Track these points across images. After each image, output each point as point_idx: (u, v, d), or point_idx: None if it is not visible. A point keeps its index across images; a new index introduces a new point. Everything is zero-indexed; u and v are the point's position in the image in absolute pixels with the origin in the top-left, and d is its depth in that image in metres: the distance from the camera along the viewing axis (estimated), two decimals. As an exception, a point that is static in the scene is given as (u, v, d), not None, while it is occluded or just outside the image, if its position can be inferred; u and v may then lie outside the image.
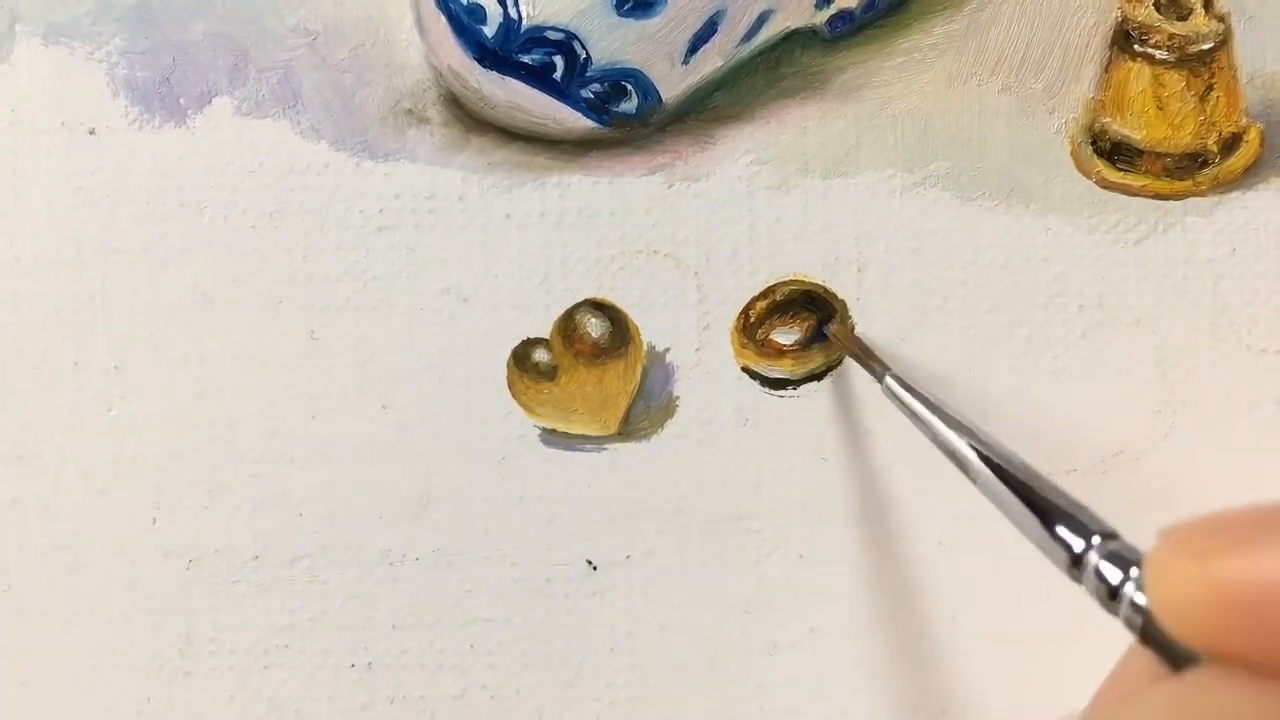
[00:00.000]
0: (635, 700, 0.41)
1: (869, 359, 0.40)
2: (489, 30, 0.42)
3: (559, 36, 0.42)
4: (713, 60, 0.44)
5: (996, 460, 0.32)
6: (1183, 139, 0.43)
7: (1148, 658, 0.27)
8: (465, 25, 0.42)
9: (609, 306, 0.42)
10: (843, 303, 0.43)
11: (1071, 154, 0.44)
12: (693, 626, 0.41)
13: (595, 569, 0.41)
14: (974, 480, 0.33)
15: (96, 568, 0.42)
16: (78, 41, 0.45)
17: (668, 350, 0.43)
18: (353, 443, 0.42)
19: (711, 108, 0.45)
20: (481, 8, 0.42)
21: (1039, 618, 0.40)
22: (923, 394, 0.36)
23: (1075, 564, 0.29)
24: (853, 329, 0.43)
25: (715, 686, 0.40)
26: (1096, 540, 0.29)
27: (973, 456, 0.33)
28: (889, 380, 0.38)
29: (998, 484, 0.32)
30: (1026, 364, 0.42)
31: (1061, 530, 0.30)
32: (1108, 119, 0.44)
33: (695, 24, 0.43)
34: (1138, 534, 0.40)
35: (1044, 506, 0.30)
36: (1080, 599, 0.40)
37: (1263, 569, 0.23)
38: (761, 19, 0.44)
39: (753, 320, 0.42)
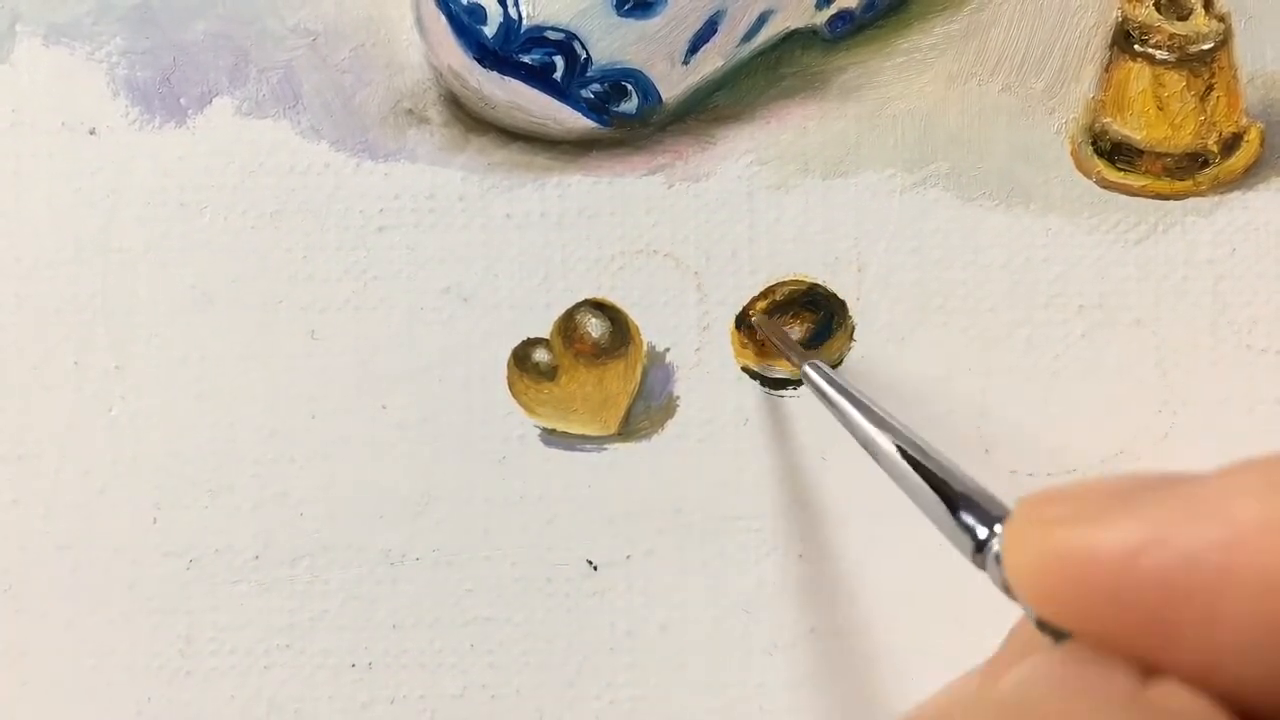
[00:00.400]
0: (635, 700, 0.40)
1: (788, 348, 0.41)
2: (489, 30, 0.42)
3: (559, 36, 0.42)
4: (713, 60, 0.44)
5: (905, 446, 0.31)
6: (1183, 139, 0.43)
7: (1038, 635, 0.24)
8: (465, 25, 0.42)
9: (609, 306, 0.42)
10: (842, 303, 0.43)
11: (1072, 154, 0.44)
12: (693, 626, 0.41)
13: (595, 569, 0.41)
14: (885, 468, 0.31)
15: (96, 568, 0.42)
16: (78, 41, 0.45)
17: (668, 350, 0.43)
18: (353, 443, 0.42)
19: (712, 108, 0.45)
20: (481, 8, 0.42)
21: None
22: (840, 383, 0.35)
23: (979, 549, 0.27)
24: (852, 329, 0.43)
25: (715, 686, 0.40)
26: (999, 528, 0.27)
27: (884, 442, 0.31)
28: (806, 368, 0.38)
29: (905, 469, 0.30)
30: (1026, 364, 0.42)
31: (966, 517, 0.28)
32: (1108, 119, 0.44)
33: (695, 24, 0.43)
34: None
35: (947, 492, 0.28)
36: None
37: (1101, 540, 0.21)
38: (761, 19, 0.44)
39: (753, 320, 0.42)
